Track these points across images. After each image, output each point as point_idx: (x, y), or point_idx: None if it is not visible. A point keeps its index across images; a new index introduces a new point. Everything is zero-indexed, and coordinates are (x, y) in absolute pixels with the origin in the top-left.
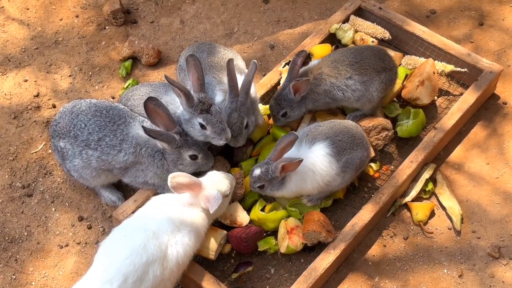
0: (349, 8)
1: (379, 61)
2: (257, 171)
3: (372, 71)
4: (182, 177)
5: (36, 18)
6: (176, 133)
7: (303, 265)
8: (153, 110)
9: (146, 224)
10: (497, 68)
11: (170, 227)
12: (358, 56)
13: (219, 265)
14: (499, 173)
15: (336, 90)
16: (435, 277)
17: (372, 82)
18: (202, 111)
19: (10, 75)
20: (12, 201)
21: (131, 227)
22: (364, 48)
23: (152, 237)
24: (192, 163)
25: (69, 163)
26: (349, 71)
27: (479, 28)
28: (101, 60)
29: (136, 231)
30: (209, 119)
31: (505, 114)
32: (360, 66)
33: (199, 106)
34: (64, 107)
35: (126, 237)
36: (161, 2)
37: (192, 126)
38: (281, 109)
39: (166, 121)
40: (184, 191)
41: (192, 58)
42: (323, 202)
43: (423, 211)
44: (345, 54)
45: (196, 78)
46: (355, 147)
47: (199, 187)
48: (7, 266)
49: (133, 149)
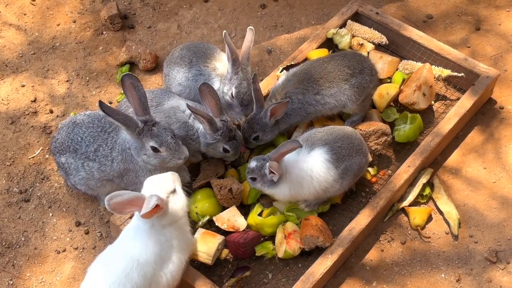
0: (346, 13)
1: (344, 70)
2: (253, 163)
3: (339, 81)
4: (119, 196)
5: (33, 23)
6: (142, 121)
7: (301, 269)
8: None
9: (128, 251)
10: (493, 73)
11: (153, 257)
12: (321, 71)
13: (216, 270)
14: (496, 177)
15: (306, 105)
16: (433, 282)
17: (342, 92)
18: (229, 138)
19: (7, 80)
20: (9, 206)
21: (112, 254)
22: (327, 60)
23: (136, 266)
24: (155, 155)
25: (73, 177)
26: (315, 87)
27: (475, 33)
28: (98, 65)
29: (118, 259)
30: (234, 145)
31: (502, 118)
32: (326, 80)
33: (224, 132)
34: (62, 123)
35: (108, 265)
36: (159, 7)
37: (214, 149)
38: (253, 132)
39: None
40: (130, 211)
41: (205, 86)
42: (320, 207)
43: (421, 215)
44: (309, 70)
45: (214, 104)
46: (354, 153)
47: (143, 201)
48: (4, 271)
49: (121, 156)
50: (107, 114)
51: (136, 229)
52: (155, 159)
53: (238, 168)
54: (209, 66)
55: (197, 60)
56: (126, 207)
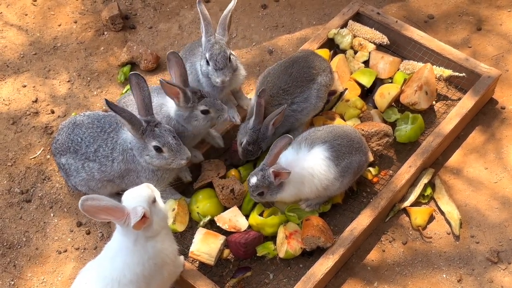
0: (347, 13)
1: (309, 71)
2: (254, 180)
3: (307, 83)
4: (96, 200)
5: (35, 24)
6: (146, 121)
7: (302, 270)
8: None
9: (107, 271)
10: (495, 73)
11: (135, 277)
12: (288, 79)
13: (217, 270)
14: (498, 177)
15: (285, 118)
16: (434, 282)
17: (311, 93)
18: (199, 98)
19: (9, 81)
20: (11, 206)
21: (91, 274)
22: (289, 65)
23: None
24: (157, 156)
25: (73, 178)
26: (288, 98)
27: (477, 33)
28: (99, 66)
29: (96, 280)
30: (210, 102)
31: (503, 118)
32: (296, 86)
33: (197, 96)
34: (62, 124)
35: (87, 285)
36: (160, 8)
37: (196, 119)
38: (260, 150)
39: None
40: (104, 218)
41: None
42: (321, 207)
43: (422, 216)
44: (276, 83)
45: (179, 74)
46: (353, 151)
47: (123, 213)
48: (6, 271)
49: (122, 156)
50: (113, 111)
51: (118, 245)
52: (157, 159)
53: (239, 169)
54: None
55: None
56: (100, 213)
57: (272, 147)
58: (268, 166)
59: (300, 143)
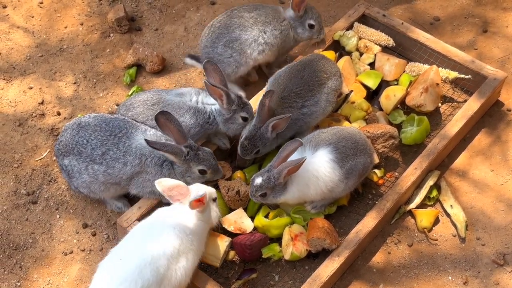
0: (353, 15)
1: (320, 75)
2: (258, 180)
3: (318, 87)
4: (167, 180)
5: (41, 26)
6: (186, 147)
7: (307, 272)
8: (164, 123)
9: (144, 247)
10: (501, 75)
11: (169, 250)
12: (300, 82)
13: (223, 272)
14: (504, 180)
15: (294, 121)
16: (440, 284)
17: (321, 97)
18: (243, 105)
19: (15, 83)
20: (17, 208)
21: (127, 249)
22: (301, 68)
23: (150, 262)
24: (200, 177)
25: (76, 180)
26: (299, 101)
27: (483, 35)
28: (105, 68)
29: (132, 254)
30: (251, 111)
31: (509, 121)
32: (307, 90)
33: (241, 102)
34: (66, 126)
35: (122, 261)
36: (166, 10)
37: (233, 122)
38: (255, 148)
39: (177, 135)
40: (172, 195)
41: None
42: (327, 208)
43: (428, 218)
44: (288, 85)
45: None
46: (358, 153)
47: (187, 190)
48: (12, 273)
49: (138, 160)
50: (156, 149)
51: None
52: (199, 179)
53: (244, 171)
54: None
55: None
56: (171, 191)
57: (281, 150)
58: (275, 167)
59: (305, 145)
